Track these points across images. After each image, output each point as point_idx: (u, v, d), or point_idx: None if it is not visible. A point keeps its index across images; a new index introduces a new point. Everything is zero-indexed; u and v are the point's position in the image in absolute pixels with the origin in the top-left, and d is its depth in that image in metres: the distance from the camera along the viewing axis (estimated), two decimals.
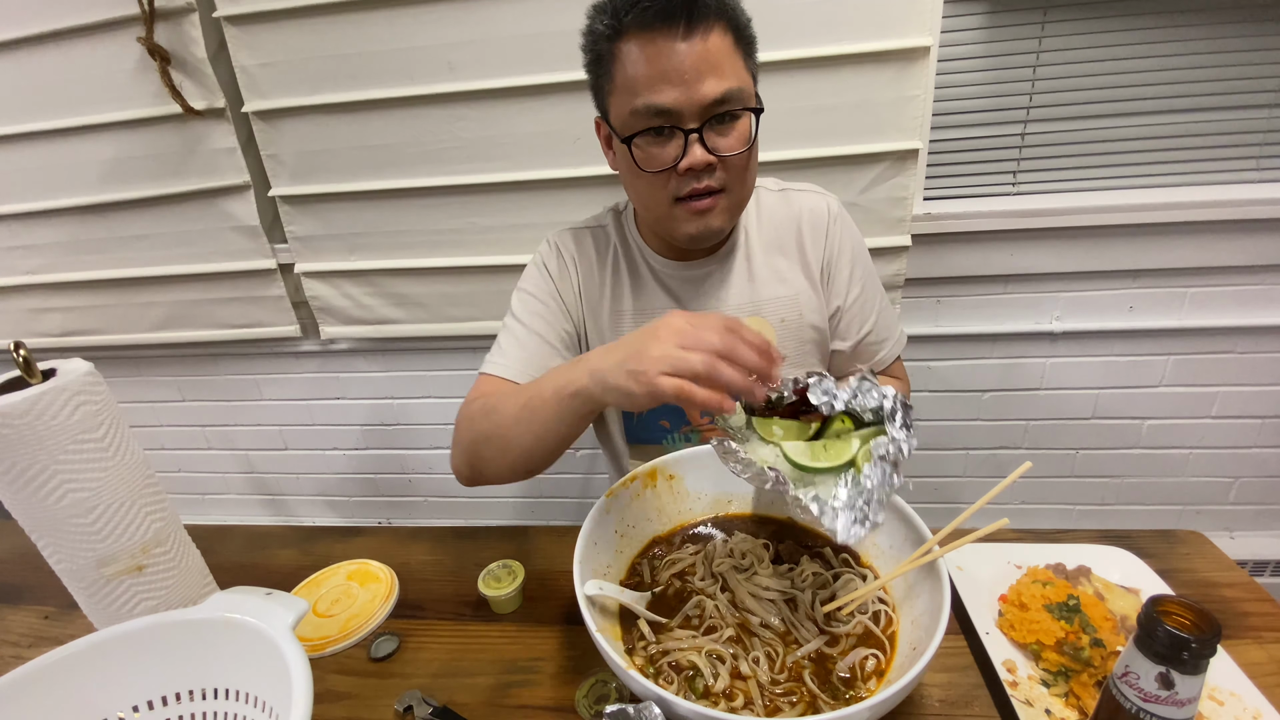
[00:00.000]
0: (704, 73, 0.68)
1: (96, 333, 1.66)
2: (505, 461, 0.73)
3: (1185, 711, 0.41)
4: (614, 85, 0.73)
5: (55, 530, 0.61)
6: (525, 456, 0.71)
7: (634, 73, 0.70)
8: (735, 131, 0.73)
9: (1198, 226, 1.29)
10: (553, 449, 0.71)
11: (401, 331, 1.57)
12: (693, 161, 0.71)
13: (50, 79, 1.39)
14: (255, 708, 0.51)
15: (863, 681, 0.56)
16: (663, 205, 0.76)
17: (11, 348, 0.58)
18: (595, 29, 0.73)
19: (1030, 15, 1.25)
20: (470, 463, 0.78)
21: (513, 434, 0.71)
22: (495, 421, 0.73)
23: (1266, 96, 1.26)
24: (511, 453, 0.72)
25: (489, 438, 0.74)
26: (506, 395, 0.75)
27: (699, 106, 0.69)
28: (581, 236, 0.91)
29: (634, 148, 0.73)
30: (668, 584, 0.67)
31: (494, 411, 0.74)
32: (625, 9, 0.68)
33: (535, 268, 0.90)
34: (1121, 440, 1.52)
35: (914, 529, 0.63)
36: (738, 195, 0.78)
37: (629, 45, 0.70)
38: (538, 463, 0.72)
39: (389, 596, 0.78)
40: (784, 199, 0.90)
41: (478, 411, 0.77)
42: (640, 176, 0.75)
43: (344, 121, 1.38)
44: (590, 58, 0.76)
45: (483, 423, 0.75)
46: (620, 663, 0.50)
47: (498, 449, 0.73)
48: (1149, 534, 0.81)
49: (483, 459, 0.76)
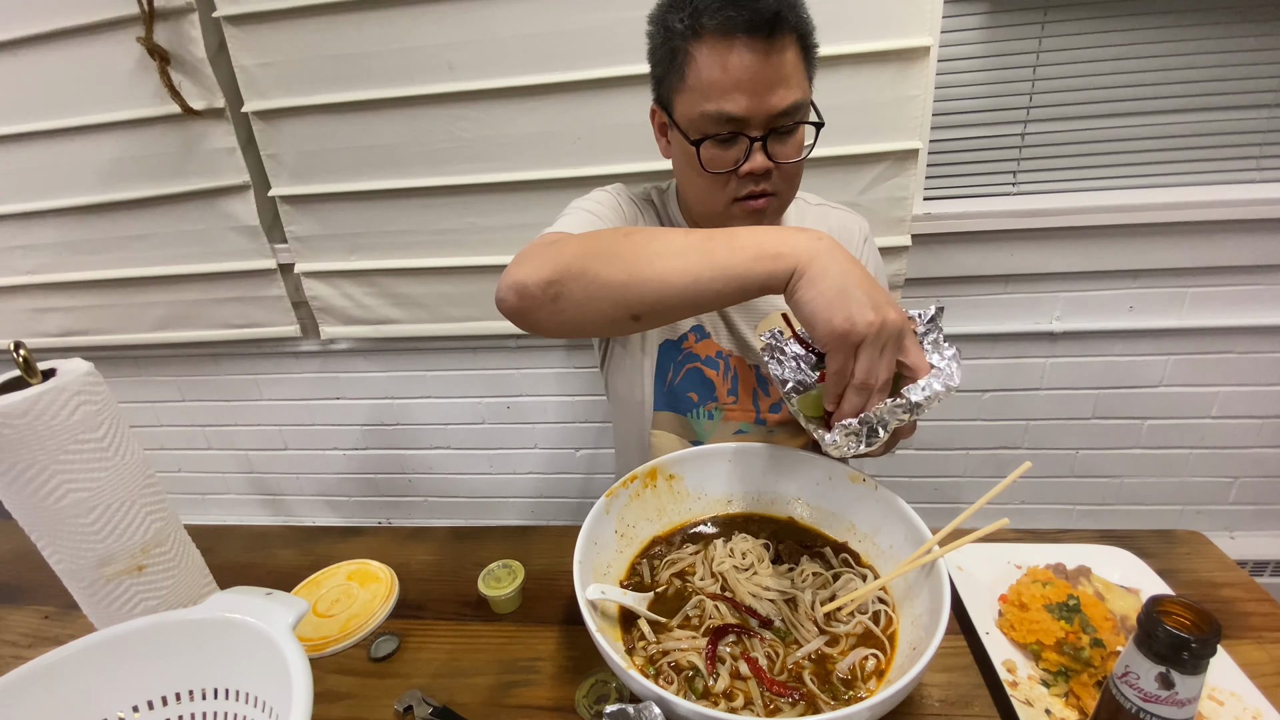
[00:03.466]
0: (775, 84, 0.70)
1: (96, 333, 1.66)
2: (619, 290, 0.58)
3: (1185, 711, 0.41)
4: (685, 84, 0.73)
5: (55, 530, 0.61)
6: (660, 290, 0.58)
7: (709, 77, 0.70)
8: (794, 140, 0.76)
9: (1198, 226, 1.29)
10: (692, 302, 0.58)
11: (401, 331, 1.57)
12: (754, 167, 0.74)
13: (50, 79, 1.39)
14: (255, 708, 0.51)
15: (863, 681, 0.56)
16: (719, 204, 0.79)
17: (11, 348, 0.58)
18: (670, 24, 0.72)
19: (1030, 15, 1.25)
20: (557, 278, 0.60)
21: (662, 260, 0.57)
22: (636, 242, 0.60)
23: (1266, 96, 1.26)
24: (643, 283, 0.58)
25: (617, 257, 0.59)
26: (660, 229, 0.65)
27: (767, 116, 0.71)
28: (639, 199, 0.92)
29: (700, 149, 0.74)
30: (668, 584, 0.67)
31: (639, 234, 0.61)
32: (708, 11, 0.68)
33: (606, 194, 0.87)
34: (1121, 440, 1.52)
35: (914, 529, 0.63)
36: (786, 198, 0.82)
37: (706, 47, 0.70)
38: (663, 307, 0.59)
39: (389, 596, 0.78)
40: (822, 213, 0.94)
41: (608, 232, 0.63)
42: (701, 175, 0.76)
43: (344, 121, 1.38)
44: (661, 51, 0.75)
45: (614, 240, 0.61)
46: (620, 663, 0.50)
47: (623, 271, 0.58)
48: (1149, 534, 0.81)
49: (585, 276, 0.59)
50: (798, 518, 0.75)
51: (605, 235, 0.63)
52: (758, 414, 0.92)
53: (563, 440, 1.72)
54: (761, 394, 0.91)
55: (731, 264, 0.56)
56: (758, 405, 0.91)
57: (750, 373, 0.91)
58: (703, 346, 0.91)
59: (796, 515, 0.75)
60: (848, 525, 0.72)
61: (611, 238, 0.62)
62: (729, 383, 0.92)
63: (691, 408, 0.93)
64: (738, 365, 0.91)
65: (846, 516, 0.72)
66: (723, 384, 0.92)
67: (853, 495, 0.71)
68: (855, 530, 0.71)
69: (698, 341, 0.91)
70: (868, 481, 0.70)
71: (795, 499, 0.75)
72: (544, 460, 1.75)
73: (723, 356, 0.91)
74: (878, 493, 0.69)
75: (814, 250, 0.54)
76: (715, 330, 0.91)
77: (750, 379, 0.91)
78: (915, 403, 0.54)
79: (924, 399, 0.54)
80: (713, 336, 0.91)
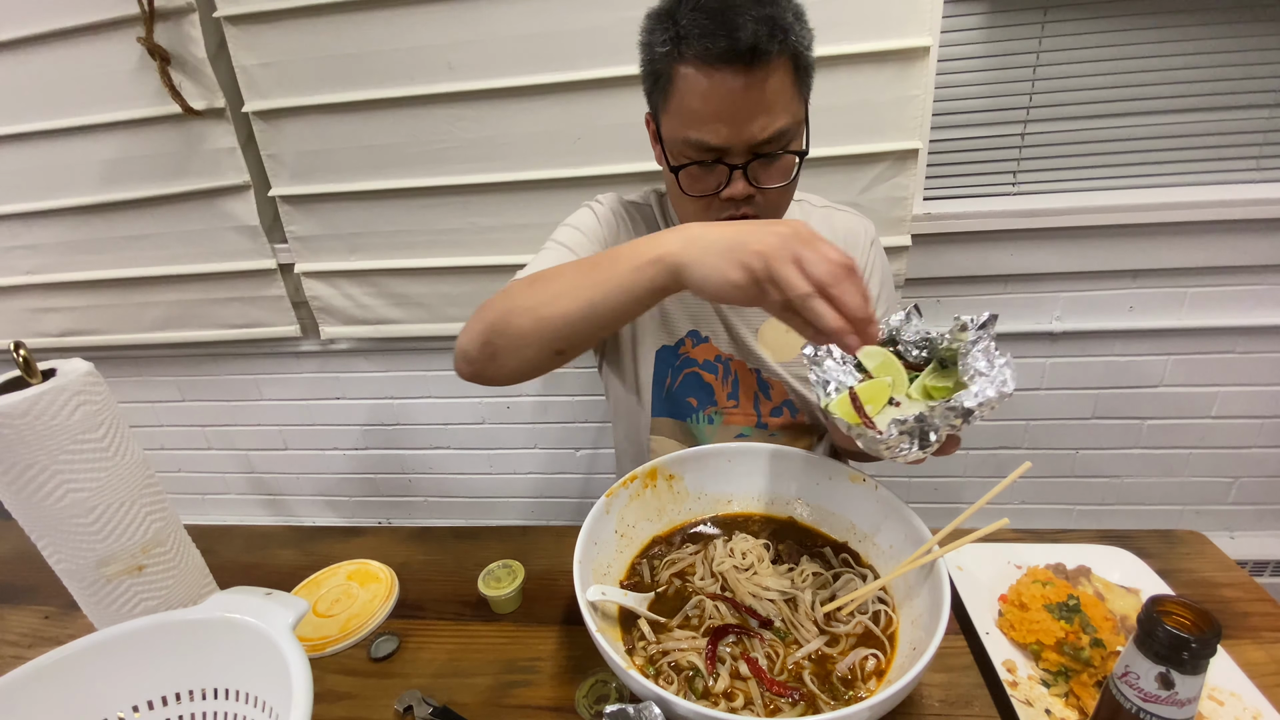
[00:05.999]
0: (757, 113, 0.68)
1: (96, 333, 1.66)
2: (535, 335, 0.64)
3: (1185, 711, 0.41)
4: (668, 106, 0.72)
5: (55, 530, 0.61)
6: (565, 327, 0.63)
7: (689, 105, 0.69)
8: (778, 166, 0.74)
9: (1198, 226, 1.29)
10: (599, 325, 0.62)
11: (401, 331, 1.57)
12: (733, 194, 0.73)
13: (50, 79, 1.39)
14: (255, 708, 0.51)
15: (863, 681, 0.56)
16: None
17: (11, 348, 0.58)
18: (654, 44, 0.71)
19: (1030, 15, 1.25)
20: (490, 338, 0.67)
21: (559, 299, 0.62)
22: (538, 289, 0.65)
23: (1266, 96, 1.26)
24: (549, 324, 0.63)
25: (525, 309, 0.65)
26: (561, 266, 0.67)
27: (747, 145, 0.70)
28: (630, 207, 0.92)
29: (679, 174, 0.74)
30: (668, 584, 0.67)
31: (540, 280, 0.66)
32: (688, 37, 0.66)
33: (589, 211, 0.89)
34: (1121, 440, 1.52)
35: (914, 529, 0.63)
36: (774, 216, 0.80)
37: (688, 73, 0.68)
38: (576, 338, 0.64)
39: (389, 596, 0.78)
40: (826, 215, 0.93)
41: (517, 284, 0.69)
42: (684, 198, 0.76)
43: (344, 121, 1.38)
44: (647, 69, 0.74)
45: (521, 292, 0.66)
46: (620, 663, 0.50)
47: (532, 319, 0.64)
48: (1149, 534, 0.81)
49: (511, 330, 0.66)
50: (798, 518, 0.75)
51: (517, 289, 0.68)
52: (759, 418, 0.91)
53: (563, 440, 1.72)
54: (763, 397, 0.91)
55: (616, 283, 0.60)
56: (759, 409, 0.91)
57: (751, 376, 0.91)
58: (700, 351, 0.90)
59: (796, 515, 0.75)
60: (848, 525, 0.72)
61: (522, 289, 0.67)
62: (729, 386, 0.91)
63: (691, 413, 0.92)
64: (738, 369, 0.91)
65: (846, 516, 0.72)
66: (722, 388, 0.91)
67: (853, 495, 0.71)
68: (855, 530, 0.71)
69: (695, 346, 0.91)
70: (868, 481, 0.70)
71: (795, 499, 0.76)
72: (544, 460, 1.75)
73: (721, 360, 0.90)
74: (878, 493, 0.69)
75: (683, 239, 0.56)
76: (714, 334, 0.90)
77: (751, 382, 0.91)
78: (968, 409, 0.52)
79: (977, 405, 0.52)
80: (711, 340, 0.90)
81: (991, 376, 0.55)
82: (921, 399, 0.62)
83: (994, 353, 0.57)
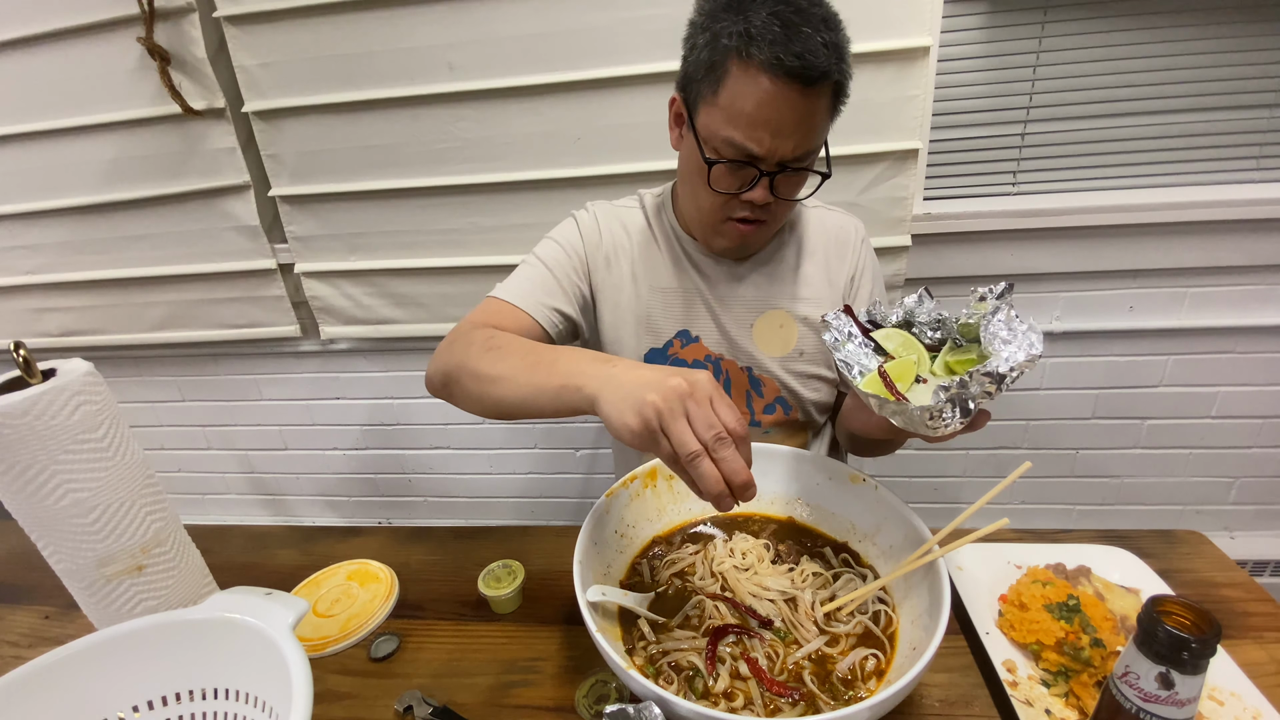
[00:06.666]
0: (800, 131, 0.71)
1: (96, 333, 1.66)
2: (480, 402, 0.72)
3: (1185, 711, 0.41)
4: (715, 100, 0.72)
5: (55, 530, 0.61)
6: (504, 408, 0.70)
7: (741, 106, 0.70)
8: (798, 180, 0.78)
9: (1198, 226, 1.29)
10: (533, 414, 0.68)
11: (401, 331, 1.57)
12: (755, 198, 0.76)
13: (50, 79, 1.39)
14: (255, 708, 0.51)
15: (863, 681, 0.56)
16: (715, 217, 0.81)
17: (11, 348, 0.58)
18: (719, 33, 0.70)
19: (1030, 15, 1.25)
20: (447, 382, 0.76)
21: (500, 384, 0.69)
22: (491, 362, 0.71)
23: (1266, 96, 1.26)
24: (490, 400, 0.70)
25: (477, 375, 0.71)
26: (514, 343, 0.73)
27: (779, 158, 0.73)
28: (617, 212, 0.93)
29: (712, 169, 0.75)
30: (668, 584, 0.67)
31: (496, 350, 0.72)
32: (759, 40, 0.66)
33: (571, 223, 0.92)
34: (1121, 440, 1.52)
35: (914, 529, 0.63)
36: (774, 227, 0.85)
37: (748, 74, 0.68)
38: (515, 417, 0.72)
39: (389, 596, 0.78)
40: (818, 215, 0.95)
41: (480, 341, 0.74)
42: (704, 188, 0.77)
43: (344, 121, 1.38)
44: (701, 54, 0.73)
45: (480, 355, 0.72)
46: (620, 663, 0.50)
47: (478, 390, 0.71)
48: (1149, 534, 0.81)
49: (462, 386, 0.73)
50: (798, 518, 0.75)
51: (475, 350, 0.73)
52: (752, 416, 0.91)
53: (562, 440, 1.72)
54: (755, 395, 0.91)
55: (547, 393, 0.64)
56: (751, 407, 0.91)
57: (742, 375, 0.91)
58: (690, 351, 0.90)
59: (796, 515, 0.75)
60: (848, 525, 0.72)
61: (478, 353, 0.72)
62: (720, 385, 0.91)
63: None
64: (729, 368, 0.90)
65: (846, 516, 0.72)
66: None
67: (853, 495, 0.71)
68: (855, 530, 0.71)
69: (684, 347, 0.90)
70: (868, 481, 0.70)
71: (795, 499, 0.76)
72: (543, 460, 1.75)
73: (712, 360, 0.90)
74: (878, 493, 0.69)
75: (605, 376, 0.59)
76: (704, 333, 0.90)
77: (742, 381, 0.91)
78: (1001, 374, 0.52)
79: (1009, 370, 0.52)
80: (701, 340, 0.90)
81: (1018, 342, 0.55)
82: (945, 375, 0.63)
83: (1015, 319, 0.57)
